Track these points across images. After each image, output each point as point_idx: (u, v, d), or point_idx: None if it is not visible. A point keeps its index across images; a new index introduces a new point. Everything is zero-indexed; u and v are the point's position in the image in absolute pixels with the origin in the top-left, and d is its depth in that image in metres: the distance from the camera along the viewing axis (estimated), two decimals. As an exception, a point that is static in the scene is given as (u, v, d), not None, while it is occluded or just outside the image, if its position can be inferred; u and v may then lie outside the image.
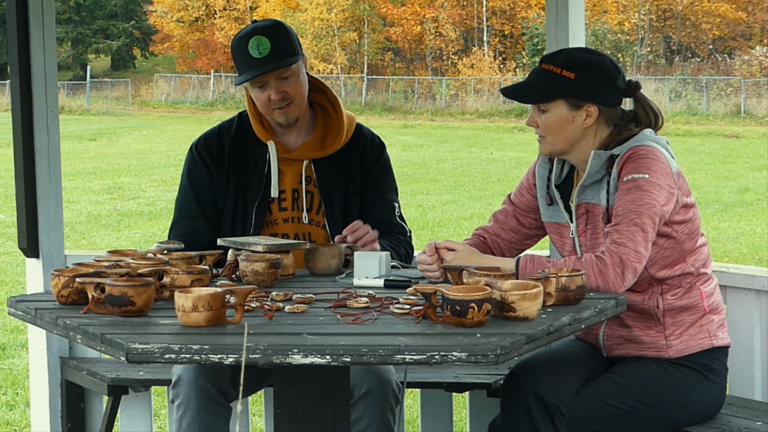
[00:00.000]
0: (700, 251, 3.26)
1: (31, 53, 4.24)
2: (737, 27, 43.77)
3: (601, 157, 3.18)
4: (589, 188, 3.23)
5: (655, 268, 3.20)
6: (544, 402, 3.10)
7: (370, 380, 3.23)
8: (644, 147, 3.14)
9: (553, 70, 3.19)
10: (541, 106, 3.22)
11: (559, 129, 3.21)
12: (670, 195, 3.11)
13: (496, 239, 3.42)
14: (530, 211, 3.40)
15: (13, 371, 6.78)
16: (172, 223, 3.64)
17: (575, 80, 3.17)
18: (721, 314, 3.33)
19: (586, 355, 3.33)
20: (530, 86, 3.23)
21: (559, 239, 3.34)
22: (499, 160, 22.50)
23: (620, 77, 3.22)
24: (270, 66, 3.44)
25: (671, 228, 3.16)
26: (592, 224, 3.23)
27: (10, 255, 11.30)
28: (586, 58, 3.21)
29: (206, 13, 50.75)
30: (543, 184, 3.36)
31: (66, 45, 51.60)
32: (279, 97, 3.49)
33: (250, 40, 3.45)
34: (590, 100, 3.19)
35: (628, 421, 3.16)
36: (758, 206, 15.24)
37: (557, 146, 3.24)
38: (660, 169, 3.10)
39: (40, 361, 4.35)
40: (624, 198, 3.08)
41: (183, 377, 3.25)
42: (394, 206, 3.65)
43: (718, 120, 32.35)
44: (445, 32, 45.67)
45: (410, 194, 16.34)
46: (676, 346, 3.24)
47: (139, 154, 23.99)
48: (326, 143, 3.61)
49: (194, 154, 3.63)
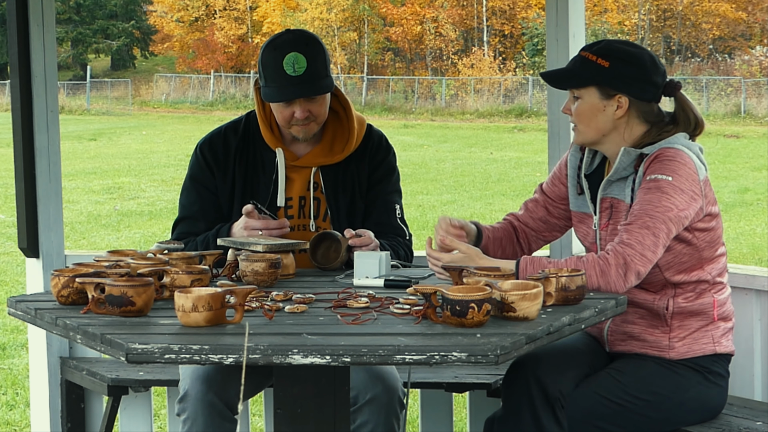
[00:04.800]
0: (719, 261, 3.25)
1: (31, 53, 4.24)
2: (737, 27, 43.76)
3: (630, 154, 3.18)
4: (616, 183, 3.23)
5: (671, 272, 3.19)
6: (546, 392, 3.10)
7: (376, 387, 3.22)
8: (673, 149, 3.13)
9: (590, 58, 3.20)
10: (575, 93, 3.23)
11: (590, 117, 3.21)
12: (692, 200, 3.09)
13: (524, 227, 3.44)
14: (560, 201, 3.41)
15: (13, 371, 6.78)
16: (175, 223, 3.63)
17: (609, 69, 3.18)
18: (730, 323, 3.32)
19: (588, 349, 3.33)
20: (566, 72, 3.26)
21: (583, 228, 3.34)
22: (499, 160, 22.49)
23: (658, 73, 3.21)
24: (305, 88, 3.40)
25: (692, 234, 3.15)
26: (615, 219, 3.22)
27: (10, 255, 11.30)
28: (624, 49, 3.22)
29: (206, 13, 50.73)
30: (574, 173, 3.36)
31: (66, 45, 51.59)
32: (304, 116, 3.46)
33: (287, 56, 3.39)
34: (621, 91, 3.19)
35: (626, 417, 3.16)
36: (758, 206, 15.23)
37: (588, 136, 3.24)
38: (685, 173, 3.09)
39: (40, 361, 4.35)
40: (643, 197, 3.07)
41: (190, 393, 3.21)
42: (395, 208, 3.62)
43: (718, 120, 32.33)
44: (445, 32, 45.66)
45: (410, 194, 16.34)
46: (678, 348, 3.24)
47: (139, 154, 23.98)
48: (335, 149, 3.58)
49: (199, 155, 3.60)
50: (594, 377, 3.22)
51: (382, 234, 3.53)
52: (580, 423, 3.13)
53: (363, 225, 3.55)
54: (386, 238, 3.53)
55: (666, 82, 3.23)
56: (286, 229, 3.42)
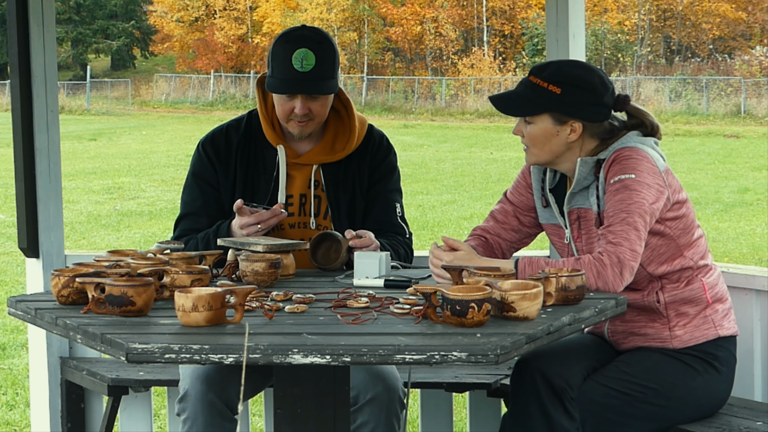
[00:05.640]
0: (697, 244, 3.27)
1: (31, 53, 4.24)
2: (737, 27, 43.76)
3: (588, 163, 3.19)
4: (579, 194, 3.24)
5: (653, 266, 3.21)
6: (552, 385, 3.12)
7: (376, 386, 3.23)
8: (628, 148, 3.15)
9: (540, 84, 3.18)
10: (527, 118, 3.22)
11: (543, 142, 3.21)
12: (659, 193, 3.11)
13: (497, 239, 3.41)
14: (529, 210, 3.41)
15: (13, 371, 6.78)
16: (177, 220, 3.62)
17: (561, 96, 3.16)
18: (726, 303, 3.34)
19: (595, 345, 3.36)
20: (517, 98, 3.22)
21: (558, 241, 3.35)
22: (499, 160, 22.49)
23: (608, 94, 3.20)
24: (309, 85, 3.41)
25: (664, 225, 3.17)
26: (586, 229, 3.24)
27: (10, 255, 11.30)
28: (574, 73, 3.19)
29: (206, 13, 50.74)
30: (538, 186, 3.37)
31: (66, 45, 51.60)
32: (303, 112, 3.46)
33: (297, 50, 3.40)
34: (575, 117, 3.18)
35: (635, 407, 3.17)
36: (758, 206, 15.23)
37: (541, 158, 3.24)
38: (646, 168, 3.11)
39: (40, 361, 4.35)
40: (613, 199, 3.09)
41: (190, 392, 3.21)
42: (395, 206, 3.62)
43: (718, 120, 32.34)
44: (445, 32, 45.67)
45: (410, 194, 16.33)
46: (680, 337, 3.26)
47: (139, 154, 23.98)
48: (336, 147, 3.59)
49: (201, 151, 3.60)
50: (601, 370, 3.24)
51: (382, 232, 3.53)
52: (590, 415, 3.15)
53: (363, 223, 3.55)
54: (386, 236, 3.53)
55: (615, 98, 3.22)
56: (282, 215, 3.41)
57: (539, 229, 3.43)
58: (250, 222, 3.36)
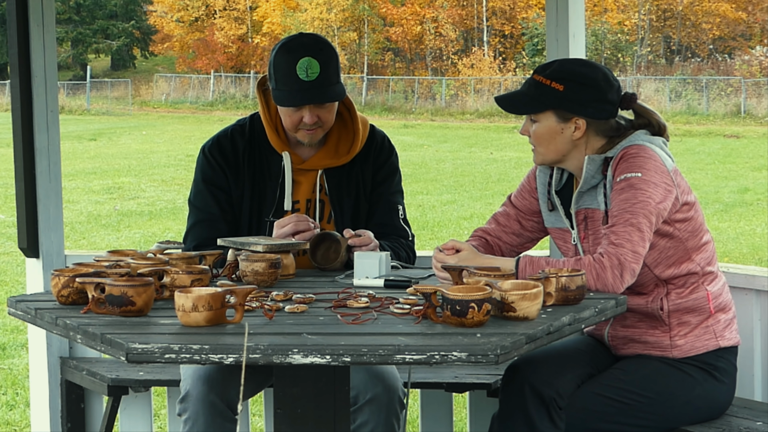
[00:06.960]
0: (705, 248, 3.25)
1: (31, 53, 4.24)
2: (737, 27, 43.77)
3: (595, 161, 3.18)
4: (587, 194, 3.23)
5: (660, 269, 3.19)
6: (540, 394, 3.10)
7: (376, 386, 3.22)
8: (635, 146, 3.14)
9: (543, 82, 3.19)
10: (532, 116, 3.22)
11: (548, 140, 3.21)
12: (666, 192, 3.10)
13: (498, 242, 3.41)
14: (532, 215, 3.40)
15: (13, 371, 6.78)
16: (188, 229, 3.54)
17: (564, 92, 3.16)
18: (729, 313, 3.32)
19: (592, 351, 3.33)
20: (521, 97, 3.23)
21: (563, 245, 3.34)
22: (499, 160, 22.50)
23: (613, 91, 3.20)
24: (318, 94, 3.36)
25: (673, 227, 3.15)
26: (593, 229, 3.22)
27: (10, 255, 11.30)
28: (577, 70, 3.19)
29: (206, 13, 50.75)
30: (544, 190, 3.36)
31: (66, 45, 51.60)
32: (313, 121, 3.41)
33: (301, 60, 3.34)
34: (578, 113, 3.18)
35: (629, 415, 3.15)
36: (758, 206, 15.23)
37: (548, 157, 3.24)
38: (653, 166, 3.09)
39: (40, 361, 4.35)
40: (618, 198, 3.08)
41: (191, 393, 3.20)
42: (397, 208, 3.61)
43: (718, 120, 32.35)
44: (445, 32, 45.67)
45: (410, 194, 16.32)
46: (681, 347, 3.24)
47: (139, 154, 23.98)
48: (340, 151, 3.56)
49: (208, 156, 3.54)
50: (596, 377, 3.22)
51: (385, 235, 3.52)
52: (582, 422, 3.13)
53: (366, 226, 3.54)
54: (388, 239, 3.52)
55: (621, 96, 3.22)
56: (315, 230, 3.39)
57: (541, 234, 3.42)
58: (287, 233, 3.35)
